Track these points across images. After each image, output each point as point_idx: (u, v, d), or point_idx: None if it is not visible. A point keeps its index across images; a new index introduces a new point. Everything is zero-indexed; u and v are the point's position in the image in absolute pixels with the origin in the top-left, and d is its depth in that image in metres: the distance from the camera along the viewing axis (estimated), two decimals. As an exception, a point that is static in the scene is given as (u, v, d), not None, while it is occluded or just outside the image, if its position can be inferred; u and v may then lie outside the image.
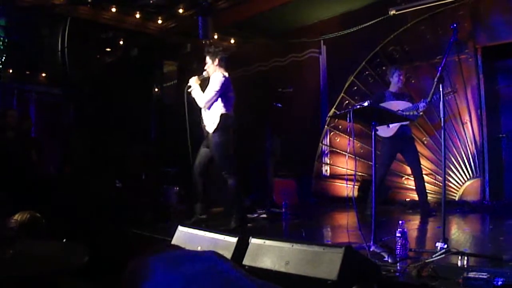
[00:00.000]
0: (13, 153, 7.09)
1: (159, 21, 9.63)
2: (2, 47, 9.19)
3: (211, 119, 6.23)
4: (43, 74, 10.24)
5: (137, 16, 9.28)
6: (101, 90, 9.24)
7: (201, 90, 6.30)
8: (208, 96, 6.18)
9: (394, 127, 6.64)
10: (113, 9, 8.93)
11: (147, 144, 6.70)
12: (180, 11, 9.17)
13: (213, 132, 6.20)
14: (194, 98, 6.33)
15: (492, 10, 7.60)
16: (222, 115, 6.17)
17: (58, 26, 9.05)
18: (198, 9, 8.44)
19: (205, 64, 6.38)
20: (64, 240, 3.97)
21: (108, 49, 10.38)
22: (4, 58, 9.23)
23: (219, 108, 6.19)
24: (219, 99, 6.20)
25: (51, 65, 9.55)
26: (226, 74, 6.32)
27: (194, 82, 6.31)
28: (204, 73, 6.36)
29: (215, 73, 6.26)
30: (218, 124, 6.16)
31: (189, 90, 6.32)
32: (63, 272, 2.97)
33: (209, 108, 6.25)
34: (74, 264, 3.04)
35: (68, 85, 9.43)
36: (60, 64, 9.21)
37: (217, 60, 6.30)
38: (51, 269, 2.87)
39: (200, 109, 6.36)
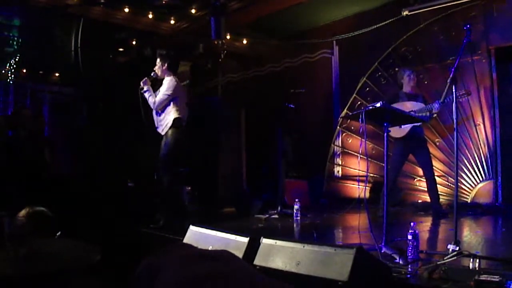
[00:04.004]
0: (26, 152, 7.14)
1: (172, 22, 9.66)
2: (15, 47, 9.27)
3: (164, 122, 6.44)
4: (56, 74, 10.30)
5: (150, 16, 9.32)
6: (114, 90, 9.29)
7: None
8: (161, 99, 6.38)
9: (406, 127, 6.62)
10: (126, 10, 8.96)
11: (159, 144, 6.76)
12: (193, 11, 9.18)
13: (166, 134, 6.41)
14: (146, 99, 6.54)
15: (505, 10, 7.54)
16: (175, 119, 6.37)
17: (71, 27, 9.12)
18: (211, 10, 8.44)
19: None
20: (59, 233, 4.00)
21: (120, 49, 10.42)
22: (17, 58, 9.30)
23: (172, 112, 6.40)
24: (172, 103, 6.40)
25: (64, 65, 9.62)
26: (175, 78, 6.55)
27: (146, 83, 6.50)
28: (152, 74, 6.56)
29: (168, 77, 6.50)
30: (171, 127, 6.37)
31: (141, 91, 6.50)
32: (75, 270, 2.99)
33: (162, 111, 6.45)
34: (86, 263, 3.05)
35: (81, 85, 9.48)
36: (73, 64, 9.29)
37: (166, 64, 6.53)
38: (63, 267, 2.89)
39: (150, 110, 6.59)
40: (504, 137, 7.66)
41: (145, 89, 6.46)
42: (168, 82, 6.42)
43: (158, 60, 6.57)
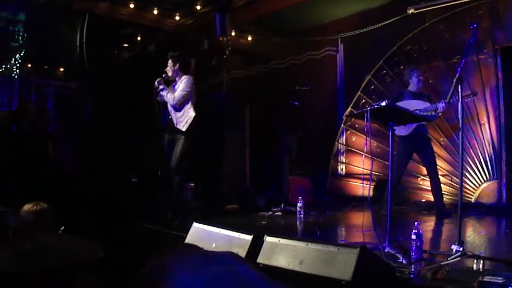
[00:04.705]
0: (30, 146, 7.15)
1: (177, 18, 9.68)
2: (21, 42, 9.28)
3: (183, 118, 6.52)
4: (61, 69, 10.32)
5: (155, 12, 9.34)
6: (118, 86, 9.30)
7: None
8: (180, 95, 6.45)
9: (410, 126, 6.60)
10: (131, 6, 8.99)
11: (162, 139, 6.80)
12: (198, 7, 9.20)
13: (184, 132, 6.49)
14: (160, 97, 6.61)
15: (512, 9, 7.53)
16: (195, 117, 6.49)
17: (76, 22, 9.12)
18: (216, 6, 8.47)
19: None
20: (62, 228, 4.00)
21: (125, 45, 10.44)
22: (22, 53, 9.31)
23: (191, 109, 6.53)
24: (190, 100, 6.53)
25: (69, 60, 9.63)
26: None
27: (161, 83, 6.56)
28: (164, 75, 6.63)
29: (185, 76, 6.60)
30: (190, 124, 6.47)
31: (157, 90, 6.55)
32: (79, 267, 2.99)
33: (180, 108, 6.52)
34: (89, 259, 3.06)
35: (85, 80, 9.50)
36: (78, 59, 9.29)
37: (178, 65, 6.63)
38: (66, 264, 2.89)
39: (163, 109, 6.67)
40: (509, 137, 7.62)
41: (161, 87, 6.53)
42: (186, 80, 6.52)
43: (169, 61, 6.65)
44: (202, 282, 2.34)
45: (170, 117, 6.59)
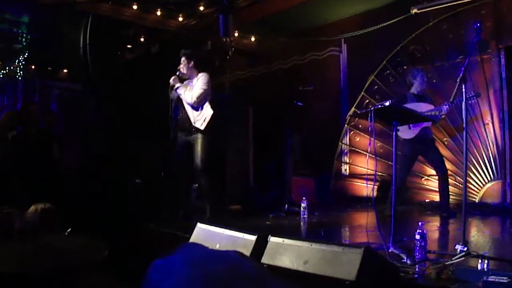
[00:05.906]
0: (34, 147, 7.16)
1: (180, 19, 9.68)
2: (24, 44, 9.31)
3: (201, 116, 6.44)
4: (65, 70, 10.34)
5: (158, 13, 9.34)
6: (122, 86, 9.31)
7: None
8: (199, 93, 6.37)
9: (415, 129, 6.58)
10: (134, 7, 8.99)
11: (167, 141, 6.77)
12: (201, 8, 9.21)
13: (203, 130, 6.42)
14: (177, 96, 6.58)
15: (516, 9, 7.52)
16: (212, 115, 6.41)
17: (80, 23, 9.14)
18: (219, 7, 8.47)
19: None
20: (69, 230, 4.01)
21: (129, 46, 10.45)
22: (26, 54, 9.34)
23: (208, 107, 6.46)
24: (207, 99, 6.47)
25: (73, 61, 9.65)
26: None
27: (176, 81, 6.54)
28: (178, 73, 6.58)
29: (202, 73, 6.54)
30: (208, 123, 6.40)
31: (173, 89, 6.53)
32: (84, 267, 3.00)
33: (199, 106, 6.45)
34: (94, 259, 3.06)
35: (89, 81, 9.51)
36: (81, 60, 9.30)
37: (192, 62, 6.57)
38: (72, 264, 2.90)
39: (174, 106, 6.64)
40: (513, 137, 7.62)
41: (177, 86, 6.48)
42: (203, 78, 6.46)
43: (183, 58, 6.56)
44: (207, 279, 2.34)
45: (181, 114, 6.54)
